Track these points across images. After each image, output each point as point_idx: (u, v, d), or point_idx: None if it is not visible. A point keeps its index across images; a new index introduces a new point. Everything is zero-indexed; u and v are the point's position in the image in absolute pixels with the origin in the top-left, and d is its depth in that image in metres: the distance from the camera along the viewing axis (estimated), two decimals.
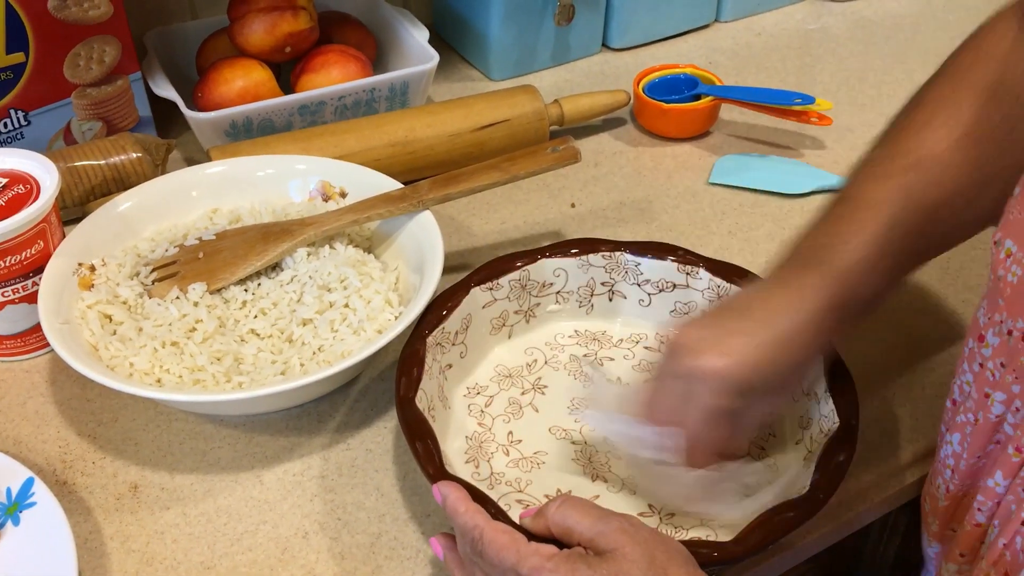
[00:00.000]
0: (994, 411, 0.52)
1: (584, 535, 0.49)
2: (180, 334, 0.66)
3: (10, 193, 0.68)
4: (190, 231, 0.74)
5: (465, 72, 1.06)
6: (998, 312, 0.51)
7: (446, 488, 0.53)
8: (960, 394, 0.56)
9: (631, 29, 1.08)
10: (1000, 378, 0.51)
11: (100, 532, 0.61)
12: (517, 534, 0.50)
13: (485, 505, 0.54)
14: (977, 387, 0.54)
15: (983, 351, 0.53)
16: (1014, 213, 0.52)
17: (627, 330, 0.72)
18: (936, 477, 0.59)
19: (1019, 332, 0.49)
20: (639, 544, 0.48)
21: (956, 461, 0.56)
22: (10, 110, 0.82)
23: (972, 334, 0.55)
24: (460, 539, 0.52)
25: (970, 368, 0.54)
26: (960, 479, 0.56)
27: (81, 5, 0.81)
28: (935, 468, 0.60)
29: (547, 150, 0.75)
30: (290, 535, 0.61)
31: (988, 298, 0.53)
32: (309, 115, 0.89)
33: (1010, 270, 0.50)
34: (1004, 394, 0.51)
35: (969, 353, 0.55)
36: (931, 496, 0.60)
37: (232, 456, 0.65)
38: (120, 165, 0.81)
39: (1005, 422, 0.52)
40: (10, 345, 0.71)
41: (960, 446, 0.56)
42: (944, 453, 0.58)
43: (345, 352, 0.65)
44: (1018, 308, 0.49)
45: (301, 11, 0.91)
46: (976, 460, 0.55)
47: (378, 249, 0.75)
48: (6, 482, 0.60)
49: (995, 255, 0.53)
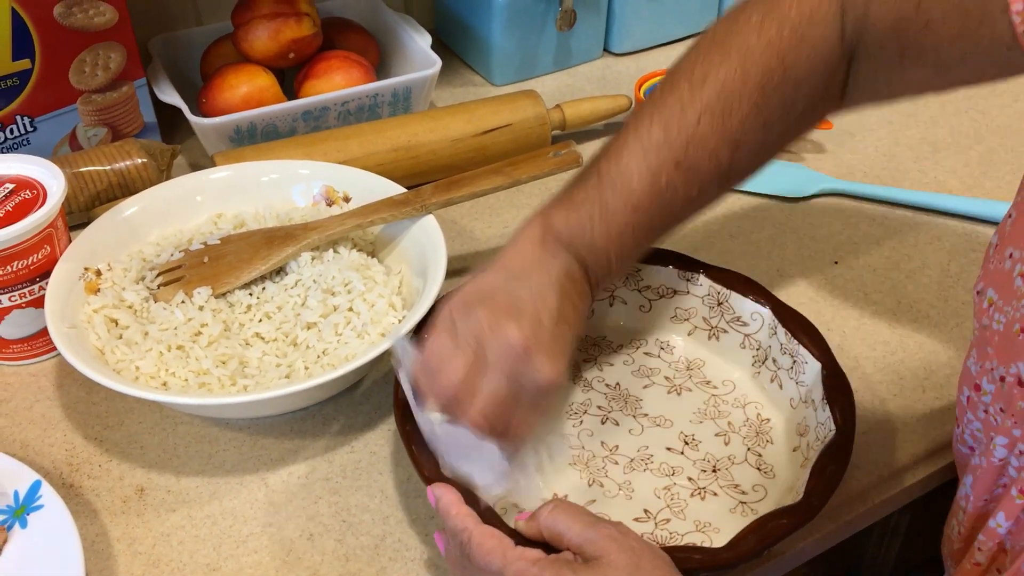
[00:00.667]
0: (996, 455, 0.52)
1: (573, 540, 0.50)
2: (185, 338, 0.67)
3: (17, 199, 0.69)
4: (195, 236, 0.75)
5: (467, 77, 1.06)
6: (988, 360, 0.52)
7: (439, 490, 0.54)
8: (974, 440, 0.56)
9: (632, 34, 1.09)
10: (1001, 422, 0.51)
11: (107, 534, 0.61)
12: (505, 538, 0.50)
13: (478, 508, 0.54)
14: (984, 432, 0.54)
15: (983, 398, 0.53)
16: (994, 263, 0.52)
17: (627, 335, 0.72)
18: (952, 519, 0.60)
19: (1012, 378, 0.49)
20: (625, 552, 0.49)
21: (966, 503, 0.57)
22: (16, 116, 0.83)
23: (966, 383, 0.55)
24: (451, 541, 0.53)
25: (975, 416, 0.55)
26: (969, 522, 0.57)
27: (86, 12, 0.81)
28: (952, 509, 0.60)
29: (549, 154, 0.75)
30: (295, 537, 0.61)
31: (977, 347, 0.54)
32: (313, 120, 0.90)
33: (994, 319, 0.51)
34: (1006, 438, 0.51)
35: (968, 402, 0.55)
36: (948, 539, 0.61)
37: (237, 459, 0.66)
38: (125, 170, 0.82)
39: (1009, 465, 0.52)
40: (17, 349, 0.71)
41: (971, 489, 0.56)
42: (960, 494, 0.58)
43: (349, 355, 0.65)
44: (1008, 355, 0.50)
45: (305, 17, 0.91)
46: (984, 503, 0.55)
47: (382, 253, 0.75)
48: (14, 485, 0.60)
49: (978, 305, 0.53)
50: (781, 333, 0.66)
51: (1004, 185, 0.91)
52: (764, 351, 0.67)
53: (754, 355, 0.68)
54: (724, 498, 0.62)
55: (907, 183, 0.91)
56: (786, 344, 0.65)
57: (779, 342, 0.66)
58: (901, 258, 0.83)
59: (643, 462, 0.64)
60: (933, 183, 0.91)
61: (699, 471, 0.63)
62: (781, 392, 0.66)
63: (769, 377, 0.67)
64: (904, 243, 0.84)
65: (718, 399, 0.68)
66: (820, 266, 0.81)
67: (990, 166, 0.93)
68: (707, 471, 0.63)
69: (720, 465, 0.64)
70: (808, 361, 0.63)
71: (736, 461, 0.64)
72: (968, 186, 0.91)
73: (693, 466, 0.63)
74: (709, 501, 0.61)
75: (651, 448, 0.65)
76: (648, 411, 0.67)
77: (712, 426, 0.66)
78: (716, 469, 0.63)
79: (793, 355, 0.65)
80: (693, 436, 0.65)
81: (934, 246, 0.84)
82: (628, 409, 0.67)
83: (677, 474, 0.63)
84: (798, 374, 0.64)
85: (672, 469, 0.63)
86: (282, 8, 0.91)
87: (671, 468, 0.63)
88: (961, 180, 0.91)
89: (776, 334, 0.66)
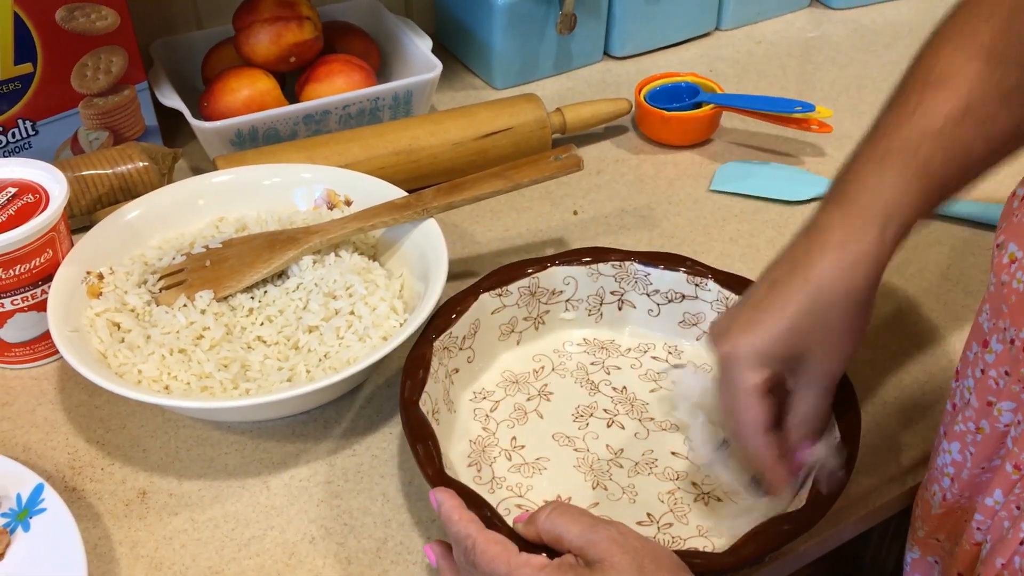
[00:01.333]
0: (1003, 420, 0.51)
1: (574, 543, 0.50)
2: (188, 341, 0.67)
3: (19, 202, 0.69)
4: (197, 239, 0.75)
5: (468, 81, 1.06)
6: (1001, 319, 0.50)
7: (441, 495, 0.54)
8: (960, 399, 0.56)
9: (632, 38, 1.09)
10: (1005, 387, 0.51)
11: (109, 538, 0.61)
12: (509, 544, 0.50)
13: (482, 509, 0.54)
14: (978, 394, 0.53)
15: (986, 357, 0.52)
16: (1019, 215, 0.51)
17: (635, 339, 0.72)
18: (932, 484, 0.59)
19: (1021, 343, 0.49)
20: (628, 553, 0.48)
21: (957, 470, 0.56)
22: (18, 120, 0.83)
23: (976, 338, 0.54)
24: (455, 547, 0.53)
25: (972, 374, 0.54)
26: (960, 489, 0.56)
27: (88, 16, 0.82)
28: (931, 475, 0.59)
29: (550, 158, 0.75)
30: (297, 540, 0.61)
31: (990, 303, 0.53)
32: (314, 124, 0.90)
33: (1015, 276, 0.49)
34: (1013, 403, 0.50)
35: (973, 358, 0.54)
36: (924, 502, 0.60)
37: (239, 462, 0.66)
38: (127, 174, 0.82)
39: (1010, 435, 0.51)
40: (20, 353, 0.72)
41: (961, 455, 0.55)
42: (942, 461, 0.57)
43: (350, 359, 0.65)
44: (1023, 318, 0.49)
45: (306, 21, 0.91)
46: (980, 471, 0.54)
47: (383, 257, 0.75)
48: (16, 488, 0.61)
49: (997, 259, 0.52)
50: None
51: (1003, 188, 0.90)
52: None
53: None
54: (727, 503, 0.62)
55: None
56: None
57: None
58: (900, 261, 0.82)
59: (647, 466, 0.64)
60: None
61: (703, 476, 0.63)
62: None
63: None
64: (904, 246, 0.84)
65: None
66: None
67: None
68: (711, 476, 0.63)
69: None
70: None
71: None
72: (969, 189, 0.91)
73: (697, 471, 0.64)
74: (712, 506, 0.62)
75: (656, 452, 0.65)
76: (654, 415, 0.67)
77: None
78: None
79: None
80: None
81: (934, 249, 0.84)
82: (634, 413, 0.67)
83: (681, 479, 0.63)
84: None
85: (676, 474, 0.64)
86: (283, 12, 0.91)
87: (675, 473, 0.64)
88: None
89: None
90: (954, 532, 0.59)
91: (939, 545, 0.61)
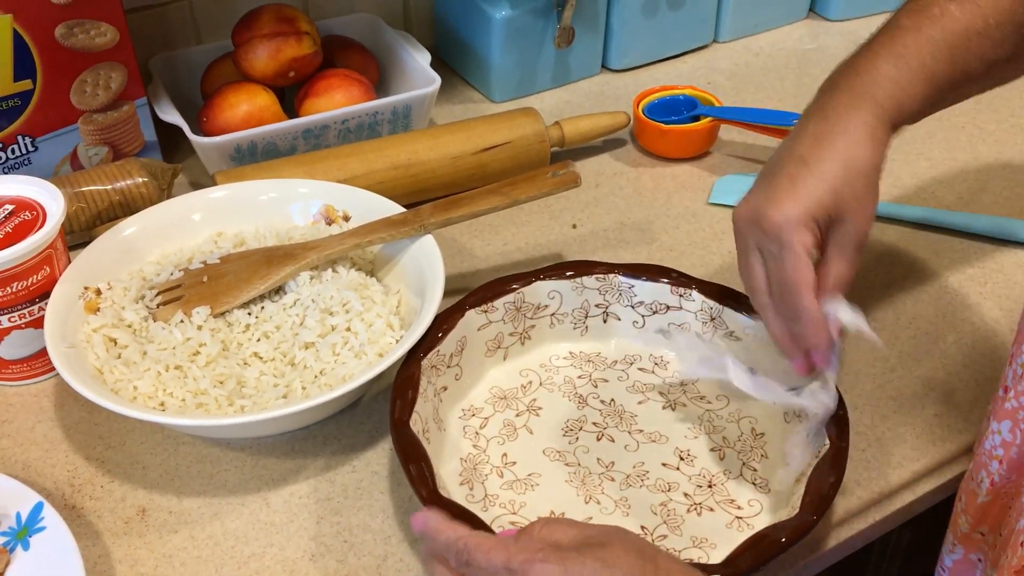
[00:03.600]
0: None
1: (573, 542, 0.50)
2: (184, 357, 0.67)
3: (16, 220, 0.69)
4: (195, 255, 0.75)
5: (467, 94, 1.07)
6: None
7: (423, 515, 0.53)
8: (1012, 379, 0.56)
9: (630, 50, 1.10)
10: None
11: (109, 556, 0.61)
12: (502, 537, 0.50)
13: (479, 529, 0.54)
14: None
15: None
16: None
17: (621, 351, 0.73)
18: (978, 471, 0.59)
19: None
20: (629, 539, 0.49)
21: (1006, 450, 0.56)
22: (18, 136, 0.83)
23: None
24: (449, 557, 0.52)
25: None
26: (1008, 470, 0.56)
27: (88, 32, 0.82)
28: (977, 462, 0.59)
29: (548, 174, 0.75)
30: (297, 557, 0.61)
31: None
32: (313, 139, 0.90)
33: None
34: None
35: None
36: (968, 492, 0.60)
37: (239, 479, 0.66)
38: (126, 190, 0.82)
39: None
40: (17, 370, 0.72)
41: (1012, 433, 0.55)
42: (990, 444, 0.57)
43: (347, 375, 0.65)
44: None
45: (305, 36, 0.92)
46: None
47: (380, 272, 0.76)
48: (16, 507, 0.61)
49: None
50: (773, 348, 0.66)
51: (1001, 200, 0.91)
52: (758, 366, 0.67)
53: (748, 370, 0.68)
54: (720, 513, 0.62)
55: (904, 199, 0.91)
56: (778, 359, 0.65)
57: (772, 357, 0.66)
58: (899, 274, 0.83)
59: (639, 478, 0.64)
60: (931, 199, 0.91)
61: (695, 486, 0.63)
62: (775, 406, 0.66)
63: None
64: (902, 259, 0.84)
65: (712, 414, 0.68)
66: None
67: (987, 181, 0.93)
68: (703, 486, 0.63)
69: (716, 480, 0.64)
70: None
71: (731, 476, 0.64)
72: (965, 201, 0.91)
73: (689, 481, 0.64)
74: (705, 516, 0.62)
75: (647, 464, 0.65)
76: (643, 427, 0.68)
77: (707, 441, 0.66)
78: (712, 484, 0.64)
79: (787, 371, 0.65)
80: (688, 451, 0.66)
81: (932, 262, 0.84)
82: (623, 425, 0.68)
83: (673, 490, 0.63)
84: None
85: (668, 485, 0.64)
86: (282, 27, 0.91)
87: (667, 484, 0.64)
88: (958, 196, 0.92)
89: (768, 349, 0.66)
90: (997, 523, 0.59)
91: (982, 540, 0.61)
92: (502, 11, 0.99)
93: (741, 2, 1.14)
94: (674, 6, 1.09)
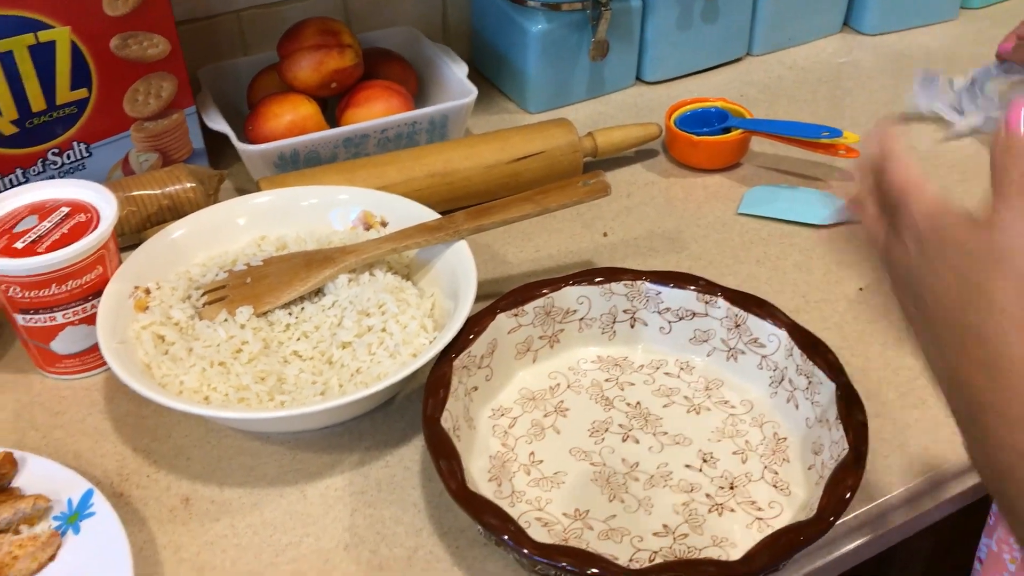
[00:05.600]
0: None
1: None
2: (227, 355, 0.70)
3: (72, 221, 0.73)
4: (239, 257, 0.78)
5: (503, 105, 1.09)
6: None
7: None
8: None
9: (664, 63, 1.11)
10: None
11: (154, 541, 0.64)
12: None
13: (506, 524, 0.56)
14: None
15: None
16: None
17: (648, 356, 0.75)
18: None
19: None
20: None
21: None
22: (73, 142, 0.87)
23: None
24: None
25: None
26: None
27: (141, 44, 0.86)
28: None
29: (578, 183, 0.78)
30: (331, 547, 0.64)
31: None
32: (353, 147, 0.93)
33: None
34: None
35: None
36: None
37: (278, 472, 0.69)
38: (175, 194, 0.86)
39: None
40: (70, 364, 0.75)
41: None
42: None
43: (381, 374, 0.68)
44: None
45: (347, 49, 0.95)
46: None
47: (416, 276, 0.78)
48: (67, 493, 0.64)
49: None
50: (797, 354, 0.67)
51: None
52: (781, 372, 0.69)
53: (771, 375, 0.70)
54: (741, 514, 0.63)
55: None
56: (802, 365, 0.67)
57: (795, 363, 0.68)
58: None
59: (662, 479, 0.66)
60: None
61: (717, 488, 0.65)
62: (797, 412, 0.68)
63: (785, 397, 0.69)
64: None
65: (736, 418, 0.70)
66: (846, 291, 0.83)
67: None
68: (724, 488, 0.65)
69: (737, 482, 0.65)
70: (823, 381, 0.65)
71: (753, 478, 0.66)
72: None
73: (711, 483, 0.65)
74: (726, 517, 0.63)
75: (670, 465, 0.67)
76: (668, 429, 0.69)
77: (730, 444, 0.68)
78: (733, 486, 0.65)
79: (808, 376, 0.66)
80: (711, 454, 0.67)
81: None
82: (648, 427, 0.69)
83: (695, 490, 0.65)
84: (813, 394, 0.66)
85: (691, 485, 0.65)
86: (326, 40, 0.94)
87: (690, 484, 0.65)
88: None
89: (792, 355, 0.68)
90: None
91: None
92: (538, 24, 1.01)
93: (775, 16, 1.16)
94: (708, 19, 1.11)
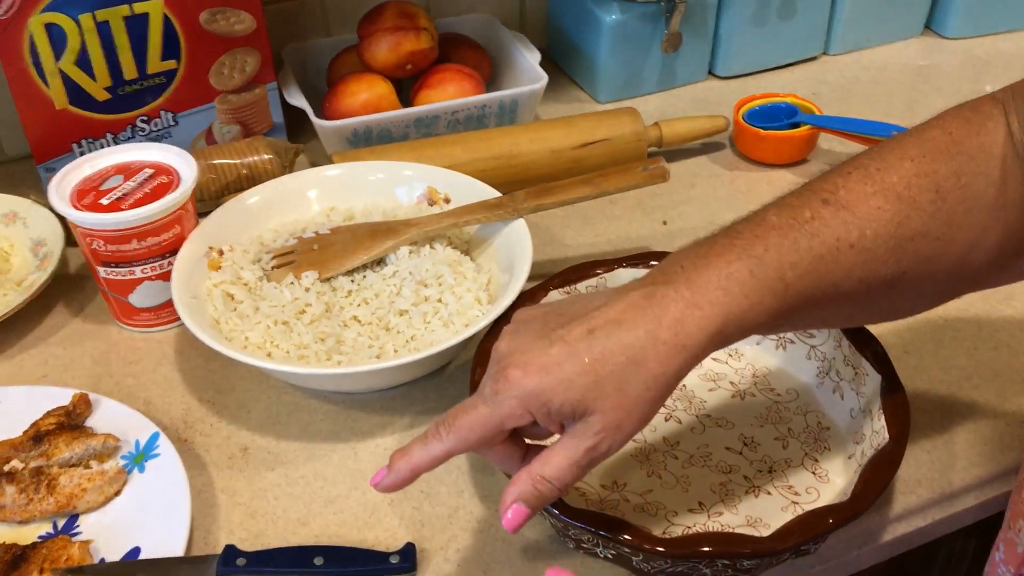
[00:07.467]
0: None
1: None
2: (291, 315, 0.73)
3: (155, 182, 0.77)
4: (308, 225, 0.82)
5: (574, 94, 1.11)
6: None
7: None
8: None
9: (738, 58, 1.12)
10: None
11: (212, 485, 0.68)
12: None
13: None
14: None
15: None
16: None
17: None
18: (1017, 520, 0.58)
19: None
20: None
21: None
22: (161, 111, 0.92)
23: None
24: None
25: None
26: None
27: (228, 19, 0.90)
28: (1016, 510, 0.59)
29: (638, 168, 0.79)
30: (377, 502, 0.67)
31: None
32: (424, 127, 0.96)
33: None
34: None
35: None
36: (1007, 542, 0.60)
37: (331, 429, 0.72)
38: (253, 165, 0.90)
39: None
40: (146, 317, 0.80)
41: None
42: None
43: (434, 342, 0.71)
44: None
45: (423, 32, 0.98)
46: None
47: (475, 252, 0.81)
48: (136, 435, 0.68)
49: None
50: (846, 345, 0.68)
51: None
52: (828, 362, 0.70)
53: (819, 366, 0.70)
54: (777, 497, 0.64)
55: None
56: (850, 356, 0.68)
57: (843, 354, 0.68)
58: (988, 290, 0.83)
59: (702, 459, 0.67)
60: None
61: (755, 471, 0.66)
62: (842, 402, 0.68)
63: (831, 388, 0.69)
64: None
65: (780, 406, 0.71)
66: None
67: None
68: (763, 471, 0.66)
69: (776, 467, 0.66)
70: (869, 373, 0.66)
71: (792, 464, 0.66)
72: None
73: (750, 466, 0.66)
74: (762, 499, 0.64)
75: (711, 446, 0.68)
76: (711, 412, 0.70)
77: (772, 430, 0.69)
78: (772, 470, 0.66)
79: (855, 367, 0.67)
80: (752, 438, 0.68)
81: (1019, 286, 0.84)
82: (692, 409, 0.71)
83: (734, 472, 0.66)
84: (859, 385, 0.67)
85: (729, 467, 0.66)
86: (403, 23, 0.97)
87: (728, 466, 0.66)
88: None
89: (841, 346, 0.68)
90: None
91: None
92: (612, 15, 1.03)
93: (854, 15, 1.15)
94: (785, 16, 1.10)
